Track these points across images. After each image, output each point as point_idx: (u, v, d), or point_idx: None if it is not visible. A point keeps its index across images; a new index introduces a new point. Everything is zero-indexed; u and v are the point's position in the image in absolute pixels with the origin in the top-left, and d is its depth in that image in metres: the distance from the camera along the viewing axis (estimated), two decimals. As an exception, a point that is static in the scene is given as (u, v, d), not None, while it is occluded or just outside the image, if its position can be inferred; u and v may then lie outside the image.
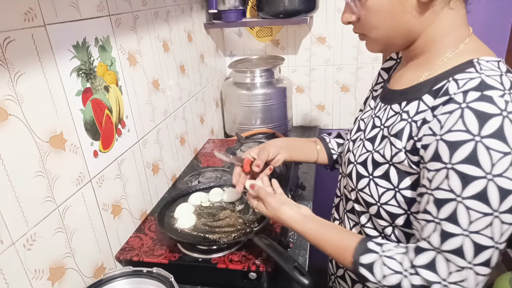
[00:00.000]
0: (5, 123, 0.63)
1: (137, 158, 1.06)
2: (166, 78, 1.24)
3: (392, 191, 0.65)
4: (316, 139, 1.00)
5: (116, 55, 0.96)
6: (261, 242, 0.83)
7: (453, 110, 0.54)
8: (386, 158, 0.65)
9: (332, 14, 1.72)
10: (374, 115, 0.74)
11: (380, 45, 0.68)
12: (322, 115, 1.93)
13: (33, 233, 0.69)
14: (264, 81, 1.66)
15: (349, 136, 0.81)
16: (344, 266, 0.68)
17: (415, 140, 0.60)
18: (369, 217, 0.73)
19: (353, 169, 0.72)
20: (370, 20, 0.64)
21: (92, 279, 0.85)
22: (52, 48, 0.74)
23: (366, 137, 0.72)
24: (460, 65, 0.60)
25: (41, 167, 0.71)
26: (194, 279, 0.92)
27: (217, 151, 0.94)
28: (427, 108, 0.60)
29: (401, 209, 0.65)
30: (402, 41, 0.65)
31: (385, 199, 0.66)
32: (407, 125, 0.62)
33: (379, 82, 0.84)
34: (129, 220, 1.03)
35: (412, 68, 0.68)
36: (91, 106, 0.86)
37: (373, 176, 0.68)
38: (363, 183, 0.70)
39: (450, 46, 0.63)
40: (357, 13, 0.65)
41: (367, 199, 0.69)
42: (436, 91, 0.60)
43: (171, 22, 1.28)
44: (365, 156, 0.70)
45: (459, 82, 0.56)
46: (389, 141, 0.65)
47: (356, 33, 0.69)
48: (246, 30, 1.83)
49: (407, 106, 0.65)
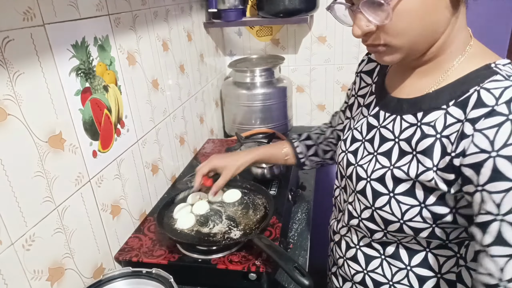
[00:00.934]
0: (4, 123, 0.63)
1: (136, 158, 1.06)
2: (166, 77, 1.24)
3: (418, 207, 0.61)
4: (285, 141, 1.03)
5: (115, 55, 0.96)
6: (261, 243, 0.83)
7: (502, 123, 0.50)
8: (411, 175, 0.60)
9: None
10: (380, 126, 0.69)
11: (402, 53, 0.60)
12: (322, 115, 1.93)
13: (32, 233, 0.69)
14: (264, 81, 1.65)
15: (344, 148, 0.75)
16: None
17: (452, 156, 0.55)
18: (384, 234, 0.68)
19: (367, 186, 0.66)
20: (398, 25, 0.56)
21: (91, 280, 0.85)
22: (51, 47, 0.74)
23: (378, 151, 0.67)
24: (478, 71, 0.57)
25: (40, 167, 0.71)
26: (194, 279, 0.92)
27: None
28: (456, 121, 0.56)
29: (426, 224, 0.61)
30: (426, 46, 0.60)
31: (409, 216, 0.62)
32: (436, 142, 0.58)
33: (363, 87, 0.80)
34: (128, 221, 1.02)
35: (421, 75, 0.64)
36: (90, 106, 0.86)
37: (394, 193, 0.63)
38: (381, 201, 0.64)
39: (459, 49, 0.60)
40: (380, 22, 0.56)
41: (387, 217, 0.64)
42: (463, 102, 0.56)
43: (171, 21, 1.27)
44: (381, 172, 0.65)
45: (494, 92, 0.52)
46: (415, 159, 0.60)
47: (370, 45, 0.61)
48: (246, 30, 1.82)
49: (425, 117, 0.60)
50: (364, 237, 0.73)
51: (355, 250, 0.75)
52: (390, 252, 0.70)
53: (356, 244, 0.75)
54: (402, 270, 0.69)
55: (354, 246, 0.75)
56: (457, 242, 0.64)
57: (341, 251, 0.78)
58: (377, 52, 0.62)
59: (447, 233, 0.62)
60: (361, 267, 0.74)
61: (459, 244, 0.64)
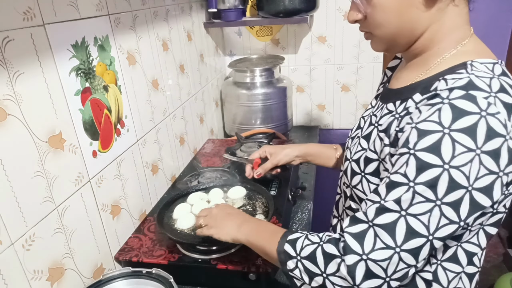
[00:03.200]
0: (4, 123, 0.63)
1: (136, 158, 1.06)
2: (166, 77, 1.24)
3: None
4: (338, 146, 1.01)
5: (115, 55, 0.96)
6: (261, 243, 0.83)
7: (435, 103, 0.55)
8: (377, 154, 0.66)
9: (332, 13, 1.72)
10: (372, 113, 0.75)
11: (385, 43, 0.67)
12: (322, 115, 1.93)
13: (32, 233, 0.69)
14: (264, 81, 1.65)
15: (350, 134, 0.82)
16: (272, 259, 0.68)
17: (396, 131, 0.61)
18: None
19: (349, 166, 0.73)
20: (376, 17, 0.63)
21: (91, 280, 0.85)
22: (51, 47, 0.74)
23: (362, 135, 0.73)
24: (454, 67, 0.60)
25: (40, 167, 0.71)
26: (194, 279, 0.92)
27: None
28: (414, 105, 0.62)
29: None
30: (406, 39, 0.65)
31: None
32: (394, 120, 0.63)
33: (383, 82, 0.84)
34: (128, 221, 1.02)
35: (410, 68, 0.69)
36: (90, 106, 0.85)
37: (365, 173, 0.69)
38: (356, 180, 0.71)
39: (449, 47, 0.63)
40: (363, 11, 0.64)
41: (360, 196, 0.70)
42: (425, 90, 0.61)
43: (171, 21, 1.27)
44: (360, 153, 0.71)
45: (448, 81, 0.57)
46: (378, 137, 0.67)
47: (362, 31, 0.69)
48: (246, 29, 1.82)
49: (400, 105, 0.65)
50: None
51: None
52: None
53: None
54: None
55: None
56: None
57: None
58: (367, 39, 0.70)
59: None
60: None
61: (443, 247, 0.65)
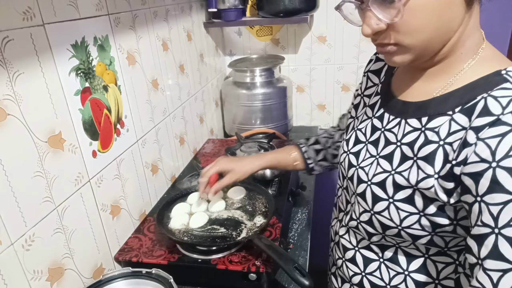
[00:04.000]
0: (3, 123, 0.63)
1: (136, 158, 1.06)
2: (165, 77, 1.24)
3: (417, 215, 0.59)
4: (293, 146, 1.01)
5: (115, 55, 0.96)
6: (261, 243, 0.83)
7: (505, 133, 0.48)
8: (411, 182, 0.59)
9: (332, 13, 1.71)
10: (384, 129, 0.67)
11: (413, 53, 0.57)
12: (322, 115, 1.93)
13: (32, 233, 0.69)
14: (264, 81, 1.65)
15: (346, 148, 0.74)
16: None
17: (452, 164, 0.53)
18: (382, 237, 0.67)
19: (367, 189, 0.65)
20: (410, 23, 0.53)
21: (91, 280, 0.85)
22: (50, 47, 0.73)
23: (380, 154, 0.66)
24: (489, 77, 0.55)
25: (40, 167, 0.71)
26: (194, 280, 0.91)
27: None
28: (461, 128, 0.54)
29: (425, 232, 0.60)
30: (438, 46, 0.57)
31: (408, 223, 0.60)
32: (439, 148, 0.56)
33: (369, 87, 0.78)
34: (128, 221, 1.02)
35: (430, 78, 0.61)
36: (89, 106, 0.85)
37: (394, 199, 0.61)
38: (381, 206, 0.63)
39: (470, 51, 0.57)
40: (390, 20, 0.54)
41: (386, 223, 0.63)
42: (469, 109, 0.54)
43: (171, 21, 1.27)
44: (382, 176, 0.63)
45: (501, 100, 0.50)
46: (416, 165, 0.58)
47: (380, 44, 0.59)
48: (246, 29, 1.82)
49: (430, 122, 0.58)
50: (363, 240, 0.73)
51: (354, 251, 0.74)
52: (388, 256, 0.69)
53: (355, 246, 0.74)
54: (400, 275, 0.68)
55: (352, 247, 0.75)
56: (457, 250, 0.63)
57: (340, 252, 0.78)
58: (387, 53, 0.59)
59: (446, 241, 0.61)
60: (359, 269, 0.74)
61: (458, 251, 0.63)
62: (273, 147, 1.42)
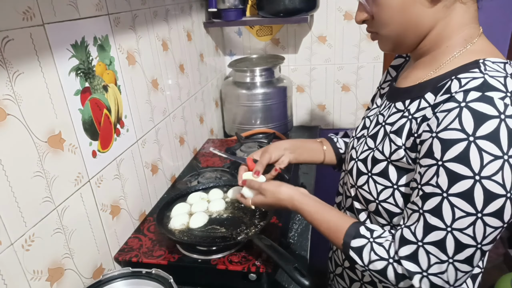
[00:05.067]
0: (3, 123, 0.63)
1: (136, 158, 1.06)
2: (165, 77, 1.24)
3: (391, 188, 0.66)
4: (323, 139, 0.98)
5: (115, 54, 0.96)
6: (261, 243, 0.83)
7: (452, 108, 0.54)
8: (385, 155, 0.66)
9: (332, 13, 1.71)
10: (378, 113, 0.74)
11: (392, 43, 0.67)
12: (322, 115, 1.93)
13: (32, 233, 0.69)
14: (264, 81, 1.65)
15: (354, 134, 0.81)
16: (336, 246, 0.69)
17: (415, 136, 0.60)
18: (368, 214, 0.73)
19: (354, 165, 0.73)
20: (381, 16, 0.63)
21: (91, 280, 0.85)
22: (50, 47, 0.73)
23: (369, 134, 0.73)
24: (466, 65, 0.59)
25: (40, 167, 0.71)
26: (194, 280, 0.91)
27: (216, 149, 0.98)
28: (427, 106, 0.61)
29: (398, 208, 0.66)
30: (413, 37, 0.64)
31: (384, 197, 0.67)
32: (407, 122, 0.63)
33: (387, 80, 0.83)
34: (128, 221, 1.02)
35: (419, 67, 0.68)
36: (89, 106, 0.85)
37: (371, 173, 0.68)
38: (362, 180, 0.70)
39: (458, 45, 0.62)
40: (369, 11, 0.65)
41: (366, 196, 0.70)
42: (438, 89, 0.60)
43: (171, 21, 1.27)
44: (366, 153, 0.71)
45: (462, 80, 0.56)
46: (388, 138, 0.66)
47: (369, 32, 0.69)
48: (246, 29, 1.82)
49: (411, 104, 0.65)
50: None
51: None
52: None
53: None
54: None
55: None
56: None
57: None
58: (374, 40, 0.70)
59: None
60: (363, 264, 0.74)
61: None
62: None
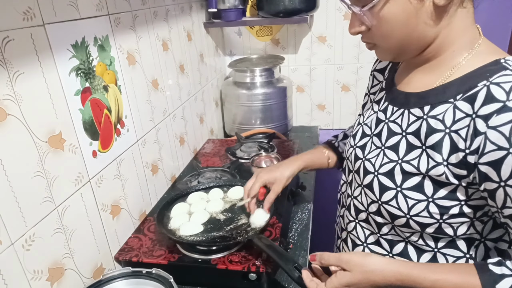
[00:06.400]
0: (3, 123, 0.63)
1: (136, 158, 1.06)
2: (166, 77, 1.24)
3: (425, 202, 0.62)
4: (326, 149, 1.00)
5: (115, 55, 0.96)
6: (261, 243, 0.83)
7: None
8: (421, 170, 0.61)
9: (332, 13, 1.71)
10: (388, 121, 0.70)
11: (392, 53, 0.65)
12: (322, 115, 1.93)
13: (32, 233, 0.69)
14: (264, 81, 1.65)
15: (353, 143, 0.77)
16: None
17: (466, 153, 0.56)
18: (392, 227, 0.69)
19: (374, 180, 0.68)
20: (382, 30, 0.61)
21: (91, 280, 0.85)
22: (51, 47, 0.73)
23: (385, 145, 0.68)
24: (487, 66, 0.58)
25: (40, 167, 0.71)
26: (194, 280, 0.91)
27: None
28: (465, 116, 0.57)
29: (433, 219, 0.62)
30: (416, 48, 0.63)
31: (416, 211, 0.63)
32: (445, 136, 0.59)
33: (375, 85, 0.81)
34: (128, 221, 1.02)
35: (425, 71, 0.66)
36: (90, 106, 0.85)
37: (402, 188, 0.64)
38: (388, 196, 0.65)
39: (464, 48, 0.61)
40: (368, 24, 0.61)
41: (394, 212, 0.65)
42: (471, 96, 0.56)
43: (171, 21, 1.27)
44: (389, 166, 0.66)
45: (504, 86, 0.53)
46: (426, 154, 0.61)
47: (365, 42, 0.66)
48: (246, 29, 1.82)
49: (432, 110, 0.62)
50: (372, 234, 0.73)
51: (363, 247, 0.75)
52: (398, 251, 0.70)
53: (363, 242, 0.75)
54: None
55: (361, 243, 0.75)
56: (465, 238, 0.64)
57: (349, 249, 0.78)
58: (371, 50, 0.67)
59: (454, 229, 0.62)
60: None
61: (468, 244, 0.64)
62: (273, 147, 1.43)
